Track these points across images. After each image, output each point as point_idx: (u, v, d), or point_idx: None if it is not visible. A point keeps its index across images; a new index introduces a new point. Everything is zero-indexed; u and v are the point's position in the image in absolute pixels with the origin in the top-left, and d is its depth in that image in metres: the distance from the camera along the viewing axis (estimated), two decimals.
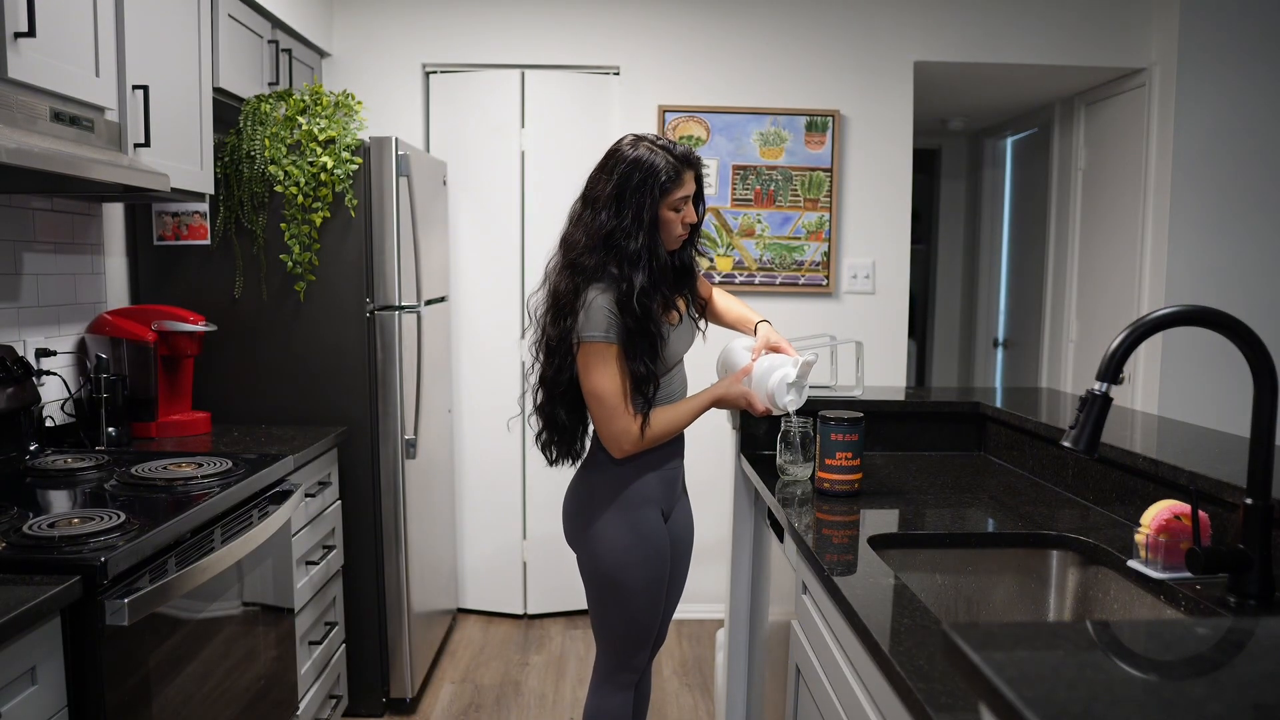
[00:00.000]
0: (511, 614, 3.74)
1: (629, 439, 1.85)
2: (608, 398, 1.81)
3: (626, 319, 1.80)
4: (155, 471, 2.00)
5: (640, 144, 1.83)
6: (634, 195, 1.79)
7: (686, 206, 1.86)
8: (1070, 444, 1.33)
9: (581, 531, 1.96)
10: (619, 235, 1.80)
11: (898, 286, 3.75)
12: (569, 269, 1.85)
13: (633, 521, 1.91)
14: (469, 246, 3.62)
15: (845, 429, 1.87)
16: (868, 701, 1.25)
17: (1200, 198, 3.54)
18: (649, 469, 1.93)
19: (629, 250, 1.79)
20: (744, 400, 1.93)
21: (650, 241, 1.81)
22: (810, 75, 3.66)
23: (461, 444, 3.67)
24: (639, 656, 2.01)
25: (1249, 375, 1.25)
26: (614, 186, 1.81)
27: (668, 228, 1.85)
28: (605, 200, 1.82)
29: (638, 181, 1.79)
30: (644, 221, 1.79)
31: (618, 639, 1.98)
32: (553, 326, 1.87)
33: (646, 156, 1.80)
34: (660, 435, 1.88)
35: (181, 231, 2.72)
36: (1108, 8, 3.66)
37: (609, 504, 1.92)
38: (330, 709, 2.64)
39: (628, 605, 1.94)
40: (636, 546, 1.91)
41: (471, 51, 3.60)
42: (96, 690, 1.46)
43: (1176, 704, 0.66)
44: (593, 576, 1.96)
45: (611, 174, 1.82)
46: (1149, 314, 1.27)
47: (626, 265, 1.79)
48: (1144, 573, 1.41)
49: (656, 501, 1.95)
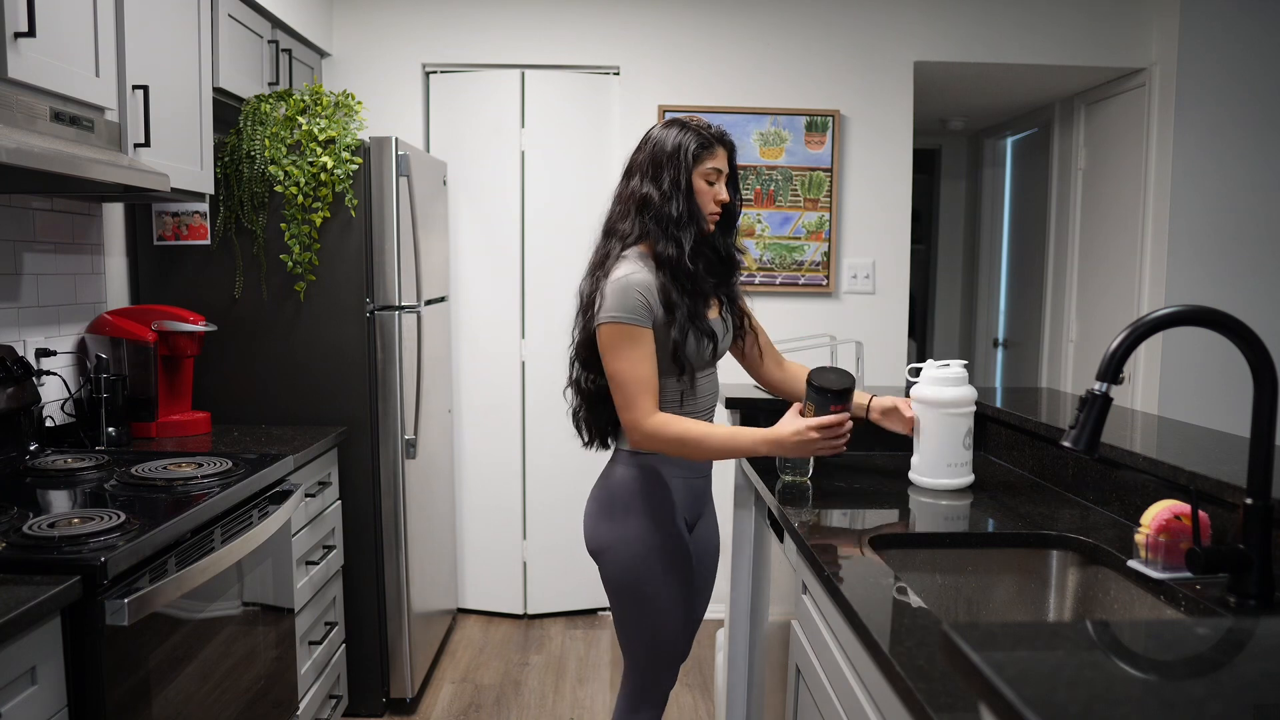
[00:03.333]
0: (511, 614, 3.74)
1: (638, 432, 1.78)
2: (627, 384, 1.76)
3: (681, 282, 1.77)
4: (155, 471, 2.00)
5: (674, 123, 1.86)
6: (669, 162, 1.80)
7: (719, 183, 1.84)
8: (1070, 444, 1.33)
9: (601, 538, 1.89)
10: (660, 202, 1.79)
11: (898, 286, 3.75)
12: (606, 235, 1.87)
13: (654, 528, 1.85)
14: (469, 246, 3.62)
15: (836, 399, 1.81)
16: (868, 701, 1.25)
17: (1200, 198, 3.54)
18: (673, 476, 1.87)
19: (672, 215, 1.79)
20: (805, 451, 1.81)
21: (690, 207, 1.80)
22: (810, 75, 3.66)
23: (461, 444, 3.67)
24: (668, 675, 1.93)
25: (1249, 375, 1.25)
26: (647, 155, 1.84)
27: (701, 197, 1.83)
28: (639, 167, 1.84)
29: (671, 149, 1.81)
30: (681, 186, 1.79)
31: (644, 652, 1.90)
32: (588, 282, 1.86)
33: (679, 131, 1.83)
34: (674, 443, 1.78)
35: (181, 231, 2.72)
36: (1107, 8, 3.66)
37: (630, 510, 1.86)
38: (330, 709, 2.64)
39: (651, 617, 1.87)
40: (658, 554, 1.84)
41: (471, 51, 3.60)
42: (96, 690, 1.46)
43: (1176, 704, 0.66)
44: (614, 585, 1.89)
45: (645, 146, 1.86)
46: (1149, 314, 1.27)
47: (672, 227, 1.78)
48: (1144, 573, 1.41)
49: (680, 510, 1.89)
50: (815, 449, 1.79)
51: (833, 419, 1.78)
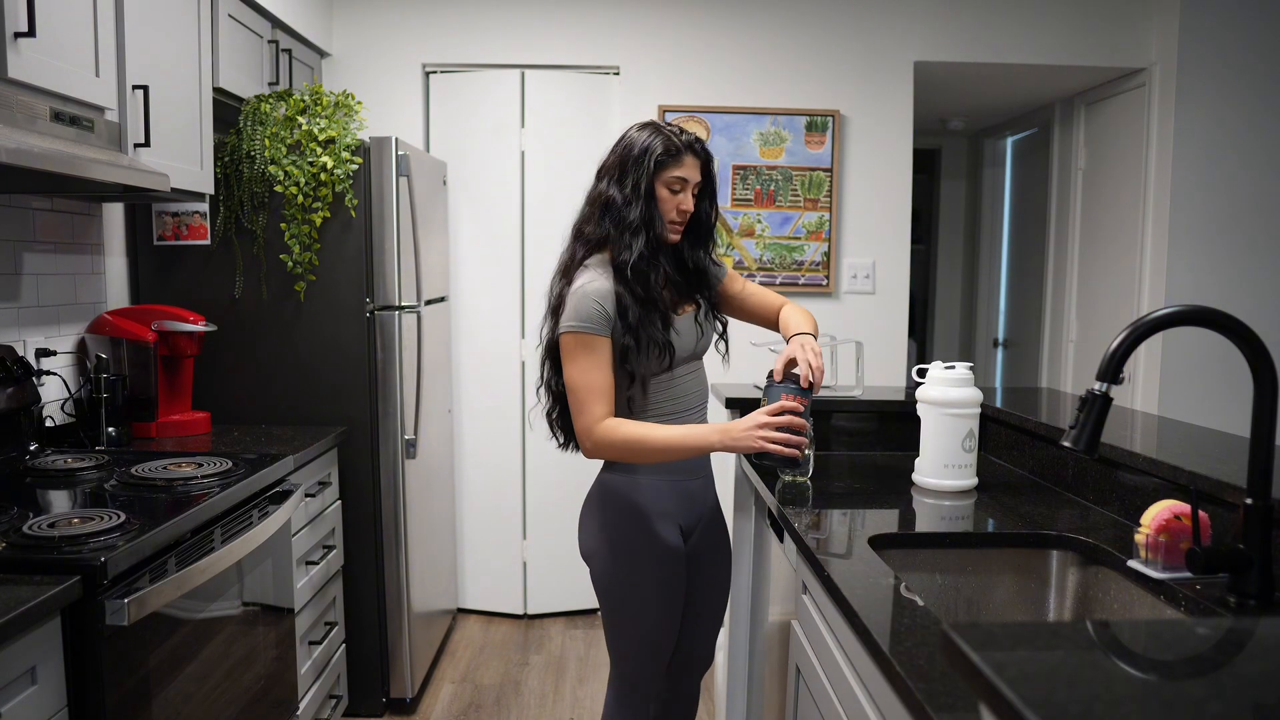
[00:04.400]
0: (511, 614, 3.74)
1: (589, 440, 1.76)
2: (577, 390, 1.75)
3: (632, 288, 1.75)
4: (155, 471, 2.00)
5: (647, 126, 1.86)
6: (633, 166, 1.80)
7: (684, 192, 1.82)
8: (1070, 444, 1.33)
9: (589, 543, 1.90)
10: (620, 205, 1.79)
11: (898, 286, 3.75)
12: (573, 238, 1.88)
13: (643, 534, 1.83)
14: (469, 246, 3.62)
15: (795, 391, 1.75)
16: (868, 701, 1.25)
17: (1200, 197, 3.54)
18: (660, 481, 1.85)
19: (629, 220, 1.78)
20: (749, 443, 1.72)
21: (648, 212, 1.79)
22: (810, 75, 3.66)
23: (461, 444, 3.67)
24: (651, 675, 1.92)
25: (1249, 375, 1.25)
26: (616, 157, 1.84)
27: (662, 204, 1.81)
28: (607, 170, 1.85)
29: (637, 153, 1.81)
30: (641, 190, 1.79)
31: (629, 657, 1.90)
32: (556, 284, 1.86)
33: (650, 134, 1.82)
34: (621, 447, 1.74)
35: (181, 231, 2.72)
36: (1108, 8, 3.66)
37: (620, 515, 1.85)
38: (330, 709, 2.64)
39: (637, 621, 1.86)
40: (646, 560, 1.83)
41: (471, 51, 3.60)
42: (96, 690, 1.46)
43: (1176, 704, 0.66)
44: (602, 588, 1.89)
45: (617, 147, 1.86)
46: (1149, 314, 1.27)
47: (628, 233, 1.78)
48: (1144, 573, 1.41)
49: (672, 515, 1.86)
50: (764, 436, 1.70)
51: (780, 405, 1.72)
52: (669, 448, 1.75)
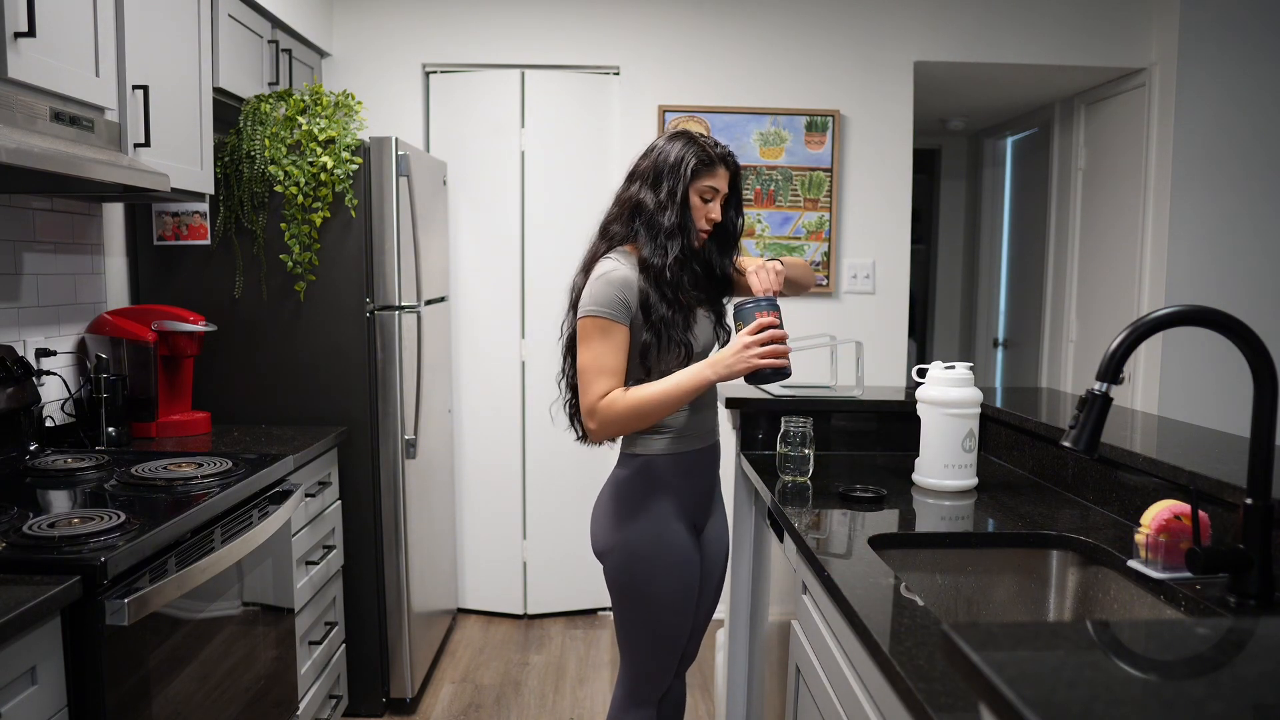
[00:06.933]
0: (511, 614, 3.74)
1: (594, 418, 1.78)
2: (587, 370, 1.78)
3: (662, 289, 1.79)
4: (155, 471, 2.00)
5: (681, 135, 1.90)
6: (670, 173, 1.84)
7: (714, 202, 1.87)
8: (1070, 444, 1.33)
9: (605, 540, 1.91)
10: (654, 210, 1.83)
11: (898, 286, 3.75)
12: (600, 235, 1.91)
13: (660, 529, 1.86)
14: (469, 246, 3.62)
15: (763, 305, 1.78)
16: (868, 701, 1.25)
17: (1200, 197, 3.54)
18: (676, 477, 1.88)
19: (663, 224, 1.82)
20: (742, 366, 1.75)
21: (683, 220, 1.83)
22: (810, 75, 3.66)
23: (461, 444, 3.67)
24: (663, 673, 1.95)
25: (1249, 375, 1.25)
26: (651, 163, 1.88)
27: (694, 212, 1.86)
28: (641, 174, 1.88)
29: (674, 161, 1.85)
30: (677, 198, 1.83)
31: (643, 653, 1.92)
32: (579, 278, 1.90)
33: (684, 143, 1.87)
34: (626, 415, 1.76)
35: (181, 231, 2.72)
36: (1108, 8, 3.66)
37: (632, 512, 1.87)
38: (330, 709, 2.64)
39: (653, 617, 1.88)
40: (663, 555, 1.85)
41: (471, 51, 3.60)
42: (96, 690, 1.46)
43: (1176, 704, 0.66)
44: (616, 586, 1.90)
45: (650, 154, 1.90)
46: (1149, 314, 1.27)
47: (662, 236, 1.82)
48: (1144, 573, 1.41)
49: (685, 512, 1.89)
50: (753, 355, 1.73)
51: (758, 323, 1.75)
52: (668, 397, 1.77)
